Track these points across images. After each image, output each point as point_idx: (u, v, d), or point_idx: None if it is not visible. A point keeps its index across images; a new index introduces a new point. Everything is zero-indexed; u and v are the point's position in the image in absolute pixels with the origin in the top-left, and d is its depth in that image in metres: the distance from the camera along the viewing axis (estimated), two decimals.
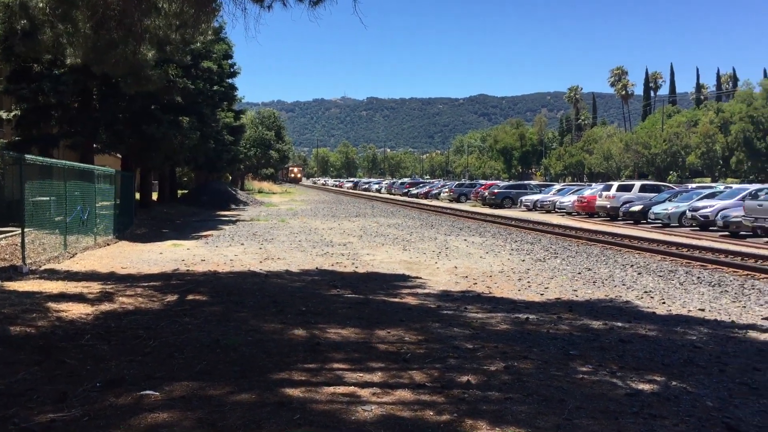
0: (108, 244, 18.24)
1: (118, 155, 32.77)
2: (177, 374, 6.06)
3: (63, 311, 8.76)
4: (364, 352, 7.04)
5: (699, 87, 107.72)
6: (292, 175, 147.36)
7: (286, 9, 10.37)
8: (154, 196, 39.28)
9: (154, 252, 17.00)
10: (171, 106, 26.16)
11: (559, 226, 27.48)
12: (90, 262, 14.42)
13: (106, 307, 9.25)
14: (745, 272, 14.45)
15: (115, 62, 11.87)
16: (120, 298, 9.94)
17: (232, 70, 39.32)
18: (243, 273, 13.38)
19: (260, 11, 10.34)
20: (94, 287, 10.91)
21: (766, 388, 6.18)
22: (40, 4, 10.30)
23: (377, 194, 78.81)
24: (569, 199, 38.18)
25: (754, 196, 24.30)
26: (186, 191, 49.48)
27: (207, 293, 10.68)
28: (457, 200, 55.94)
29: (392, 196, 70.96)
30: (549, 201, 40.90)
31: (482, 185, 56.57)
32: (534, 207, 42.18)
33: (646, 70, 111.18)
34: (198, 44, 16.74)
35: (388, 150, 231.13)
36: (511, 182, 66.60)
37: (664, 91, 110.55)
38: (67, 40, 11.47)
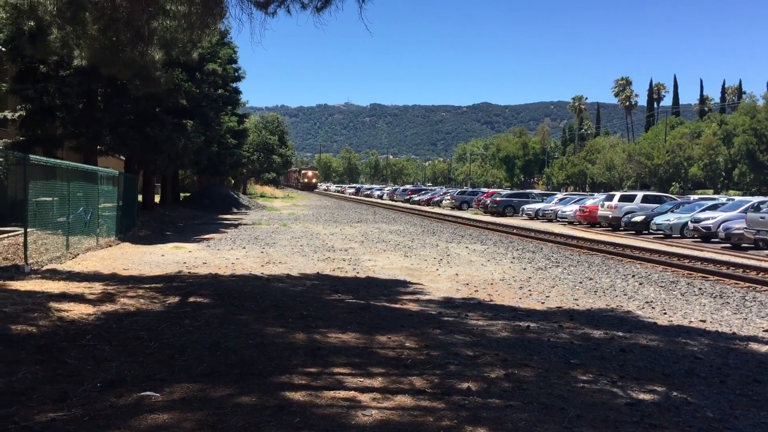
0: (110, 246, 18.26)
1: (122, 157, 32.84)
2: (178, 376, 6.06)
3: (64, 311, 8.77)
4: (365, 357, 7.04)
5: (702, 99, 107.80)
6: (305, 180, 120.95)
7: (291, 15, 10.42)
8: (157, 198, 39.31)
9: (155, 254, 17.01)
10: (175, 109, 26.23)
11: (561, 236, 27.47)
12: (92, 263, 14.43)
13: (107, 307, 9.26)
14: (747, 284, 14.45)
15: (122, 64, 11.92)
16: (121, 299, 9.95)
17: (236, 74, 39.44)
18: (244, 276, 13.39)
19: (265, 17, 10.40)
20: (96, 288, 10.93)
21: (767, 400, 6.18)
22: (49, 6, 10.34)
23: (379, 200, 78.89)
24: (571, 209, 38.16)
25: (756, 208, 24.30)
26: (188, 194, 49.50)
27: (208, 296, 10.69)
28: (459, 208, 55.94)
29: (394, 203, 71.01)
30: (551, 210, 40.89)
31: (484, 193, 56.60)
32: (536, 216, 42.16)
33: (650, 81, 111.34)
34: (204, 46, 16.78)
35: (391, 156, 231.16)
36: (513, 191, 66.59)
37: (667, 102, 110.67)
38: (75, 41, 11.52)
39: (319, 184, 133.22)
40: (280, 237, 23.44)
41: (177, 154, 27.42)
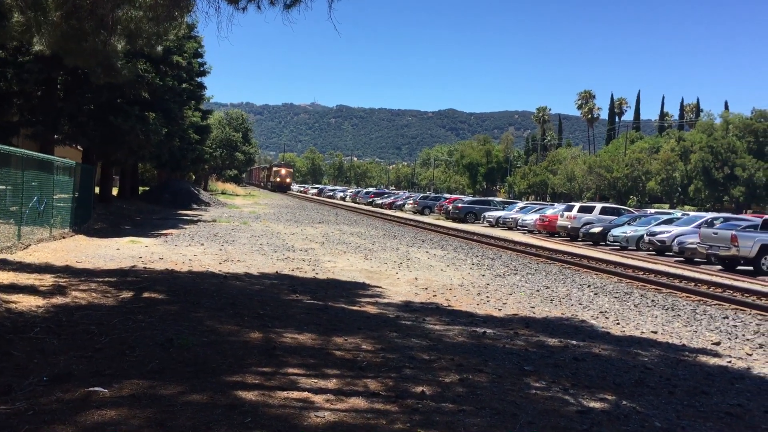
0: (64, 237, 17.85)
1: (80, 148, 32.16)
2: (128, 372, 5.94)
3: (13, 302, 8.54)
4: (320, 358, 7.00)
5: (663, 115, 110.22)
6: (278, 180, 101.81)
7: (261, 11, 10.31)
8: (115, 191, 38.60)
9: (111, 248, 16.69)
10: (138, 100, 25.79)
11: (520, 244, 27.76)
12: (44, 255, 14.09)
13: (58, 300, 9.04)
14: (698, 298, 14.78)
15: (84, 52, 11.64)
16: (73, 293, 9.72)
17: (201, 69, 38.92)
18: (201, 273, 13.21)
19: (233, 11, 10.27)
20: (47, 280, 10.67)
21: (713, 411, 6.32)
22: None
23: (342, 202, 78.71)
24: (531, 218, 38.61)
25: (709, 224, 24.95)
26: (147, 188, 48.76)
27: (163, 292, 10.51)
28: (421, 212, 56.12)
29: (357, 205, 70.92)
30: (511, 218, 41.31)
31: (446, 199, 56.88)
32: (496, 223, 42.55)
33: (611, 95, 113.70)
34: (170, 39, 16.54)
35: (355, 159, 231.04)
36: (475, 198, 67.09)
37: (628, 116, 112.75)
38: (36, 28, 11.22)
39: (293, 183, 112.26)
40: (239, 235, 23.21)
41: (138, 146, 26.96)
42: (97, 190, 29.64)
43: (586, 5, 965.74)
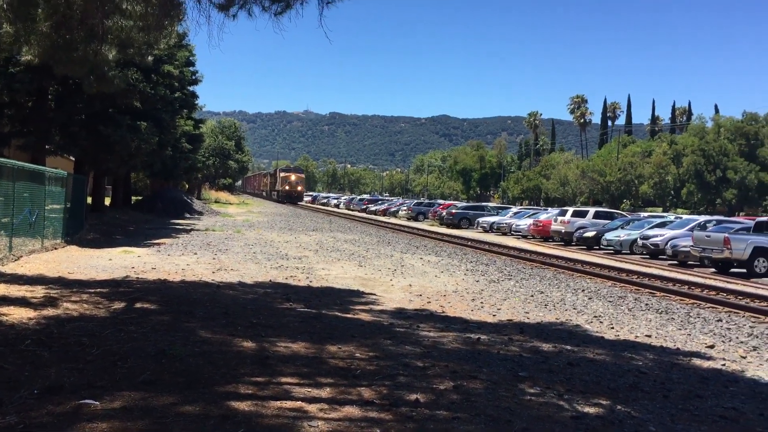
0: (56, 248, 17.76)
1: (71, 158, 32.07)
2: (119, 384, 5.89)
3: (3, 315, 8.47)
4: (314, 367, 6.96)
5: (654, 119, 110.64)
6: (286, 187, 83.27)
7: (251, 19, 10.30)
8: (107, 201, 38.49)
9: (103, 258, 16.62)
10: (129, 110, 25.72)
11: (515, 249, 27.78)
12: (36, 266, 14.01)
13: (49, 312, 8.98)
14: (692, 301, 14.80)
15: (75, 62, 11.61)
16: (65, 304, 9.66)
17: (193, 77, 38.87)
18: (194, 283, 13.16)
19: (224, 19, 10.26)
20: (39, 291, 10.60)
21: (708, 414, 6.31)
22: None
23: (336, 209, 78.66)
24: (525, 223, 38.66)
25: (702, 227, 25.01)
26: (140, 197, 48.65)
27: (156, 302, 10.46)
28: (415, 219, 56.14)
29: (350, 212, 70.91)
30: (505, 223, 41.36)
31: (440, 205, 56.94)
32: (491, 229, 42.58)
33: (605, 99, 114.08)
34: (161, 48, 16.54)
35: (349, 166, 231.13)
36: (469, 203, 67.18)
37: (621, 121, 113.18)
38: (25, 38, 11.19)
39: (304, 192, 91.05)
40: (233, 243, 23.15)
41: (130, 155, 26.91)
42: (89, 200, 29.55)
43: (577, 11, 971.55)
